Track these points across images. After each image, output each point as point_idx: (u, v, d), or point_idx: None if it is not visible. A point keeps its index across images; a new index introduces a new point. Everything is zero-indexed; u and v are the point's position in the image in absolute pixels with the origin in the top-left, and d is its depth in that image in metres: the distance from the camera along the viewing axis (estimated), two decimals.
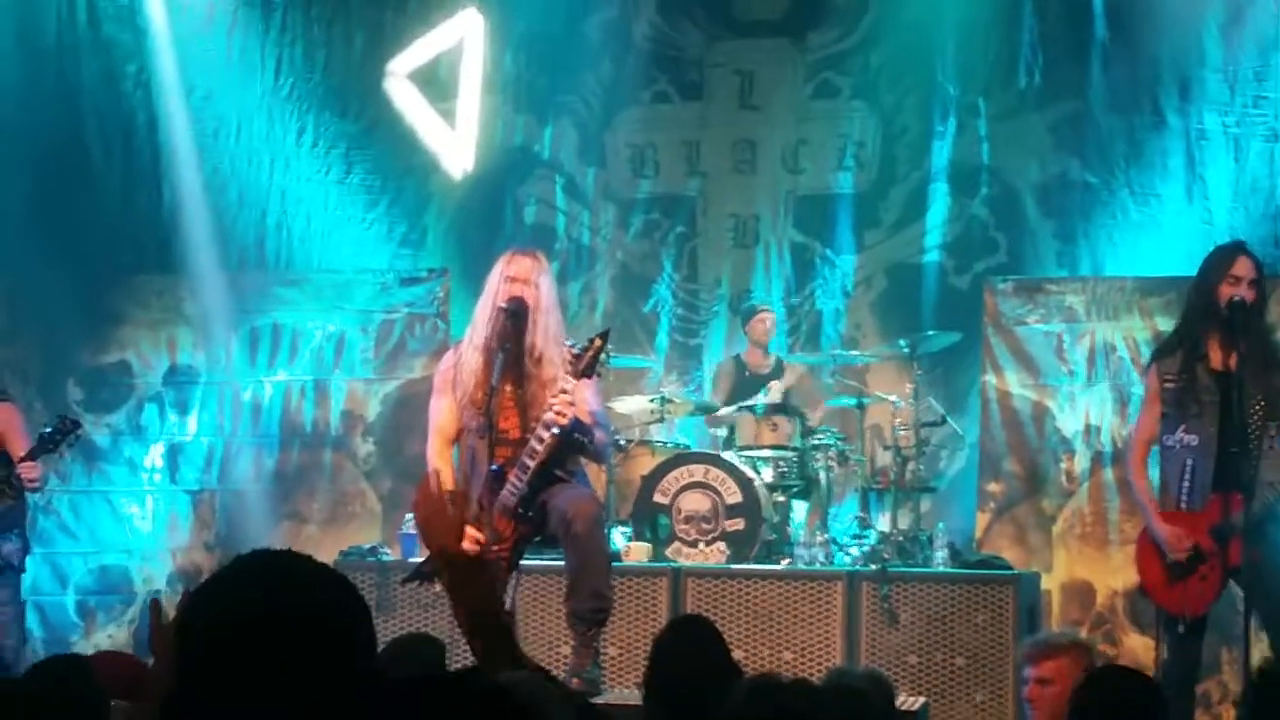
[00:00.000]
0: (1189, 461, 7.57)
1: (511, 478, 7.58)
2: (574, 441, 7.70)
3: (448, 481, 7.75)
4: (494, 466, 7.65)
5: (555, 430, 7.47)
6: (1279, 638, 7.58)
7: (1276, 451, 7.54)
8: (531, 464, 7.54)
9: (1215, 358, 7.61)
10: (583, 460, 8.06)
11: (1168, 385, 7.72)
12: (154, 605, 3.95)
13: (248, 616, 2.27)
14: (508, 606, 7.78)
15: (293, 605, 2.29)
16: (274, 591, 2.30)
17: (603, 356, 7.54)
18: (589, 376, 7.52)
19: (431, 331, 12.25)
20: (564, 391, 7.45)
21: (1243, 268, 7.67)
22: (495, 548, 7.54)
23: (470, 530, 7.29)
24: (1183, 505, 7.59)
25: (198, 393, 12.53)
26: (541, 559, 8.76)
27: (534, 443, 7.51)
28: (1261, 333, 7.84)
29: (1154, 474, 7.90)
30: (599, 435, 7.85)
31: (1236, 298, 7.58)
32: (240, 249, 12.90)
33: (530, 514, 7.65)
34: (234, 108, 12.99)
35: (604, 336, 7.59)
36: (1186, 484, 7.57)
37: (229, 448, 12.45)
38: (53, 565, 12.29)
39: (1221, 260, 7.77)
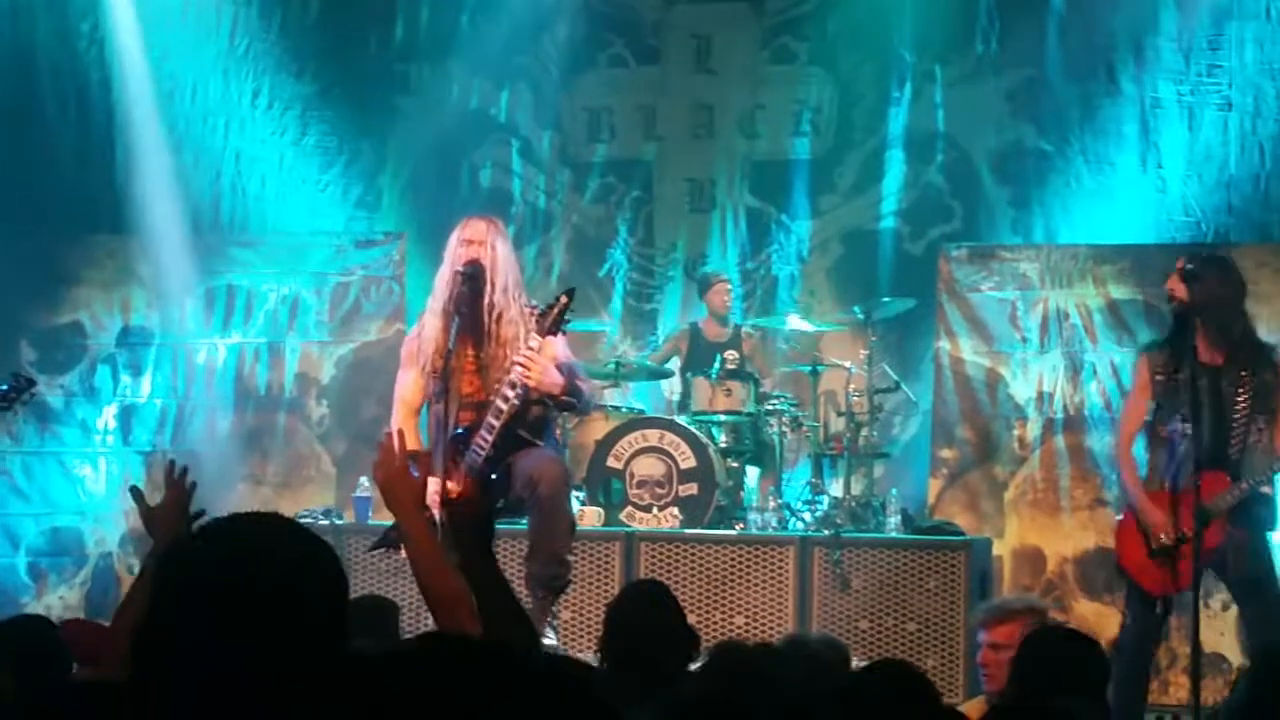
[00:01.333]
0: (1180, 448, 7.67)
1: (477, 439, 7.63)
2: (561, 402, 7.79)
3: (410, 443, 7.79)
4: (459, 429, 7.70)
5: (520, 389, 7.54)
6: (1256, 618, 7.69)
7: (1263, 444, 7.66)
8: (497, 424, 7.60)
9: (1204, 351, 7.69)
10: (553, 422, 8.17)
11: (1158, 378, 7.83)
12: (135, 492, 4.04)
13: (226, 580, 2.26)
14: None
15: (269, 569, 2.29)
16: (248, 555, 2.30)
17: (568, 314, 7.61)
18: (555, 333, 7.59)
19: (387, 295, 12.23)
20: (529, 349, 7.51)
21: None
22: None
23: (446, 484, 7.36)
24: (1166, 486, 7.67)
25: (151, 354, 12.48)
26: (508, 524, 8.78)
27: (499, 402, 7.59)
28: (1248, 326, 7.96)
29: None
30: (584, 386, 7.97)
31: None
32: (195, 210, 12.81)
33: (496, 476, 7.70)
34: (189, 68, 12.90)
35: (569, 294, 7.67)
36: (1175, 467, 7.67)
37: (183, 410, 12.41)
38: (4, 527, 12.25)
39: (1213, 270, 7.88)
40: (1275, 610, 7.75)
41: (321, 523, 10.20)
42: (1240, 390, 7.62)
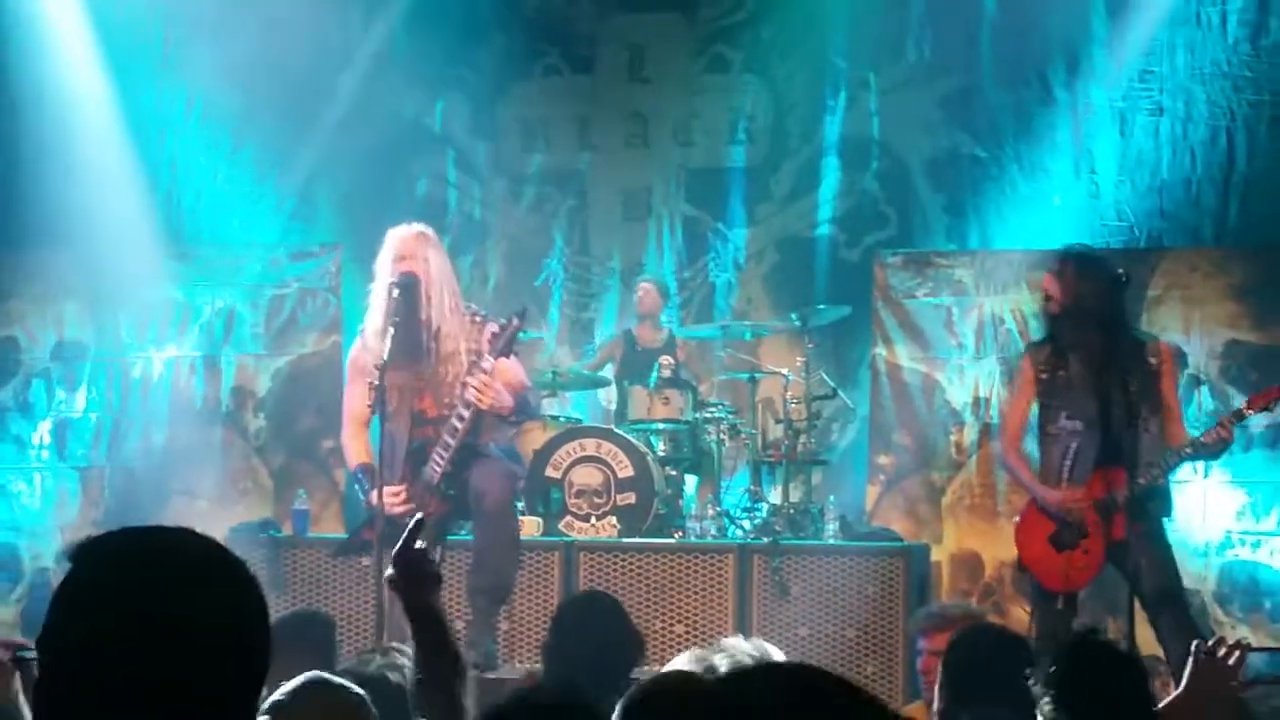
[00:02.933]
0: (1073, 445, 7.79)
1: (434, 456, 7.68)
2: (511, 420, 7.88)
3: (361, 455, 7.86)
4: (415, 442, 7.75)
5: (472, 410, 7.59)
6: (1158, 612, 7.75)
7: (1152, 434, 7.76)
8: (453, 441, 7.65)
9: (1088, 347, 7.77)
10: (506, 432, 8.24)
11: (1042, 376, 7.96)
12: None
13: (126, 590, 2.25)
14: None
15: (165, 572, 2.27)
16: (143, 558, 2.29)
17: (520, 336, 7.67)
18: (507, 355, 7.62)
19: (323, 307, 12.19)
20: (483, 372, 7.53)
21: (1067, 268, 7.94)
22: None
23: (394, 497, 7.41)
24: (1064, 482, 7.79)
25: (86, 368, 12.40)
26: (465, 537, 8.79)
27: (454, 420, 7.64)
28: (1126, 321, 8.14)
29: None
30: (533, 399, 8.06)
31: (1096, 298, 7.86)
32: (129, 223, 12.74)
33: (452, 492, 7.74)
34: (123, 79, 12.81)
35: (521, 315, 7.70)
36: (1069, 464, 7.80)
37: (118, 424, 12.33)
38: None
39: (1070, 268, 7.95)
40: (1188, 618, 7.85)
41: (259, 536, 10.14)
42: (1125, 384, 7.70)
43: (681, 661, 4.32)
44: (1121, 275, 7.87)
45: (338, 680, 3.87)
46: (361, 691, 3.78)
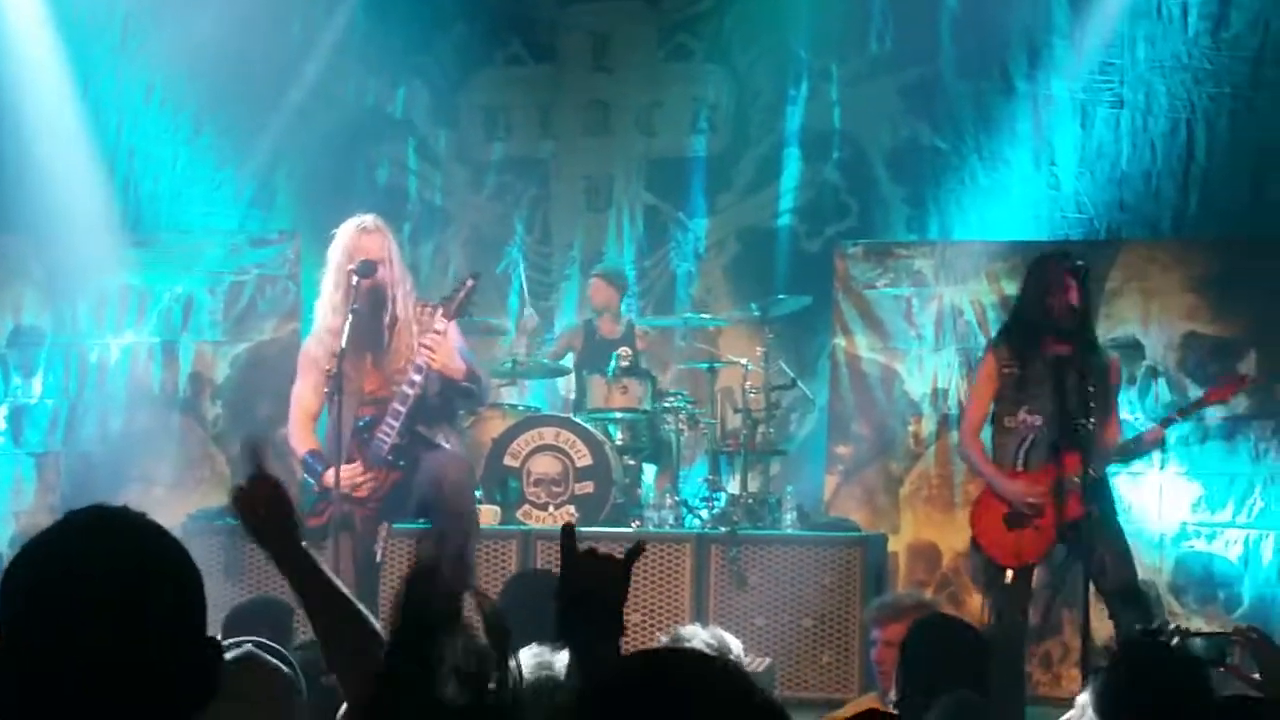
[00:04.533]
0: (1029, 437, 7.92)
1: (380, 429, 7.69)
2: (447, 396, 7.82)
3: (308, 444, 7.86)
4: (359, 421, 7.75)
5: (423, 374, 7.60)
6: (1113, 596, 7.82)
7: (1097, 437, 7.89)
8: (403, 409, 7.66)
9: (1049, 344, 7.88)
10: (455, 416, 8.23)
11: (1005, 371, 8.10)
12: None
13: (73, 571, 2.25)
14: (378, 558, 7.88)
15: (118, 561, 2.27)
16: (97, 547, 2.29)
17: (473, 297, 7.69)
18: (461, 315, 7.67)
19: (282, 294, 12.15)
20: (436, 332, 7.56)
21: (1071, 280, 7.97)
22: (364, 491, 7.69)
23: (351, 473, 7.43)
24: (1019, 469, 7.91)
25: (43, 354, 12.34)
26: (410, 525, 8.77)
27: (405, 386, 7.65)
28: (1088, 318, 8.25)
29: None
30: (482, 375, 8.05)
31: (1069, 305, 7.99)
32: (87, 208, 12.69)
33: (402, 463, 7.74)
34: (81, 65, 12.76)
35: (474, 277, 7.75)
36: (1024, 454, 7.93)
37: (75, 410, 12.28)
38: None
39: (1054, 274, 8.02)
40: (1148, 615, 7.93)
41: (216, 523, 10.11)
42: (1083, 384, 7.80)
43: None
44: (1081, 267, 7.96)
45: (269, 657, 3.87)
46: (288, 671, 3.77)
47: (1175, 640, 4.62)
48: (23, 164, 12.47)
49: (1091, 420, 7.73)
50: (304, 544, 3.47)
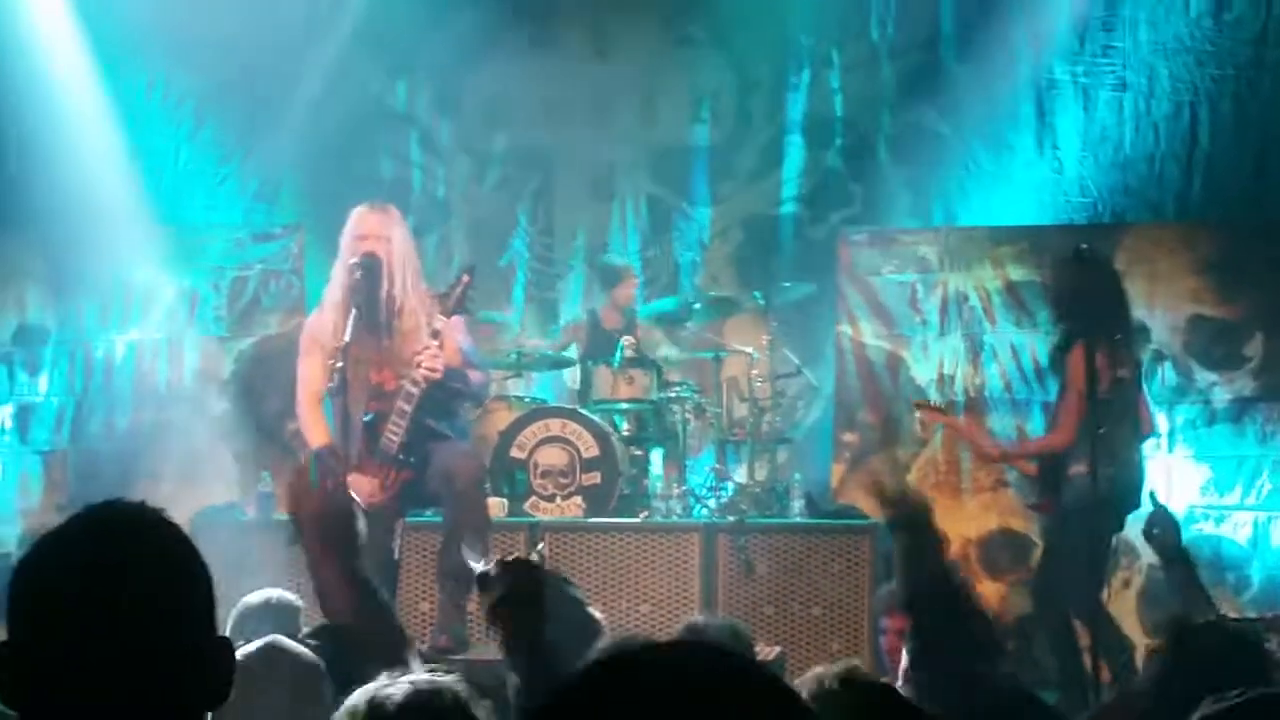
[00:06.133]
0: None
1: (389, 427, 7.66)
2: (451, 389, 7.77)
3: (319, 432, 7.82)
4: (367, 416, 7.71)
5: (426, 381, 7.57)
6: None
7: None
8: (409, 408, 7.62)
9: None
10: (459, 409, 8.18)
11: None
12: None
13: (85, 566, 2.24)
14: (395, 555, 7.86)
15: (130, 555, 2.27)
16: (108, 543, 2.28)
17: (470, 293, 7.64)
18: (458, 313, 7.61)
19: (286, 288, 12.13)
20: (435, 333, 7.52)
21: None
22: (379, 497, 7.64)
23: (358, 482, 7.39)
24: None
25: (48, 352, 12.33)
26: (424, 517, 8.78)
27: (409, 386, 7.60)
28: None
29: None
30: (475, 376, 7.96)
31: None
32: (90, 205, 12.68)
33: (412, 460, 7.72)
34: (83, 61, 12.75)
35: (470, 273, 7.69)
36: None
37: (81, 407, 12.27)
38: None
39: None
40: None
41: (224, 519, 10.12)
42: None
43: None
44: (1084, 250, 7.94)
45: (295, 644, 3.87)
46: (314, 657, 3.78)
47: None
48: (24, 160, 12.47)
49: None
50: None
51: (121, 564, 2.27)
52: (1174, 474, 10.80)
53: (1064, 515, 8.10)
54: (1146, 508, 7.46)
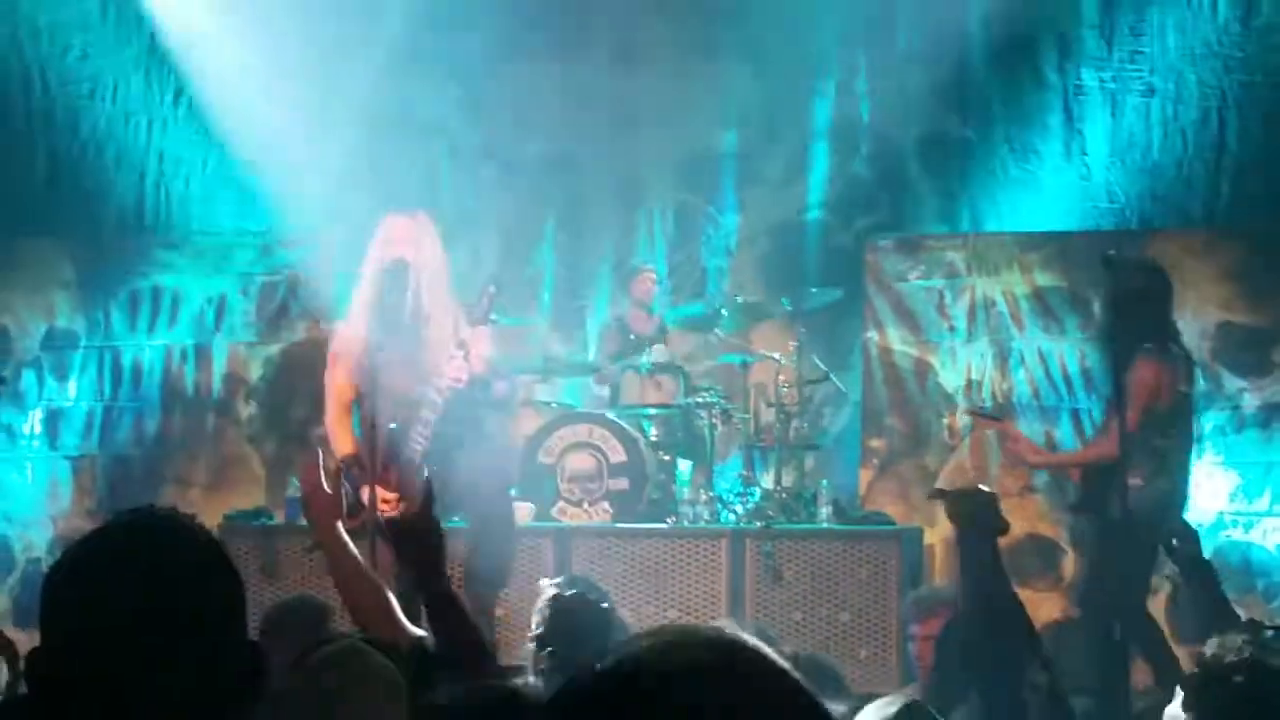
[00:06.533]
0: None
1: (413, 435, 7.63)
2: (475, 399, 7.76)
3: (344, 442, 7.80)
4: (391, 425, 7.70)
5: (451, 391, 7.57)
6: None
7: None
8: (433, 418, 7.59)
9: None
10: (485, 417, 8.16)
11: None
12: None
13: (119, 572, 2.25)
14: None
15: (164, 561, 2.28)
16: (142, 549, 2.29)
17: (495, 304, 7.65)
18: (484, 324, 7.60)
19: (314, 294, 12.15)
20: (461, 344, 7.51)
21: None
22: (404, 505, 7.63)
23: (382, 492, 7.39)
24: None
25: (77, 357, 12.39)
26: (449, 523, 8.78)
27: (434, 395, 7.58)
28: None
29: None
30: (500, 387, 7.93)
31: None
32: (119, 211, 12.75)
33: (435, 469, 7.69)
34: (110, 68, 12.81)
35: (496, 284, 7.70)
36: None
37: (109, 413, 12.32)
38: None
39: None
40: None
41: (252, 524, 10.14)
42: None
43: None
44: (1111, 255, 7.90)
45: (370, 649, 3.88)
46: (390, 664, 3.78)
47: (1248, 636, 4.55)
48: (54, 167, 12.54)
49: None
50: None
51: (155, 570, 2.28)
52: (1202, 480, 10.77)
53: (1113, 524, 8.05)
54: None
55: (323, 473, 4.09)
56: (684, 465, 10.99)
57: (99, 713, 2.22)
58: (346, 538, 4.04)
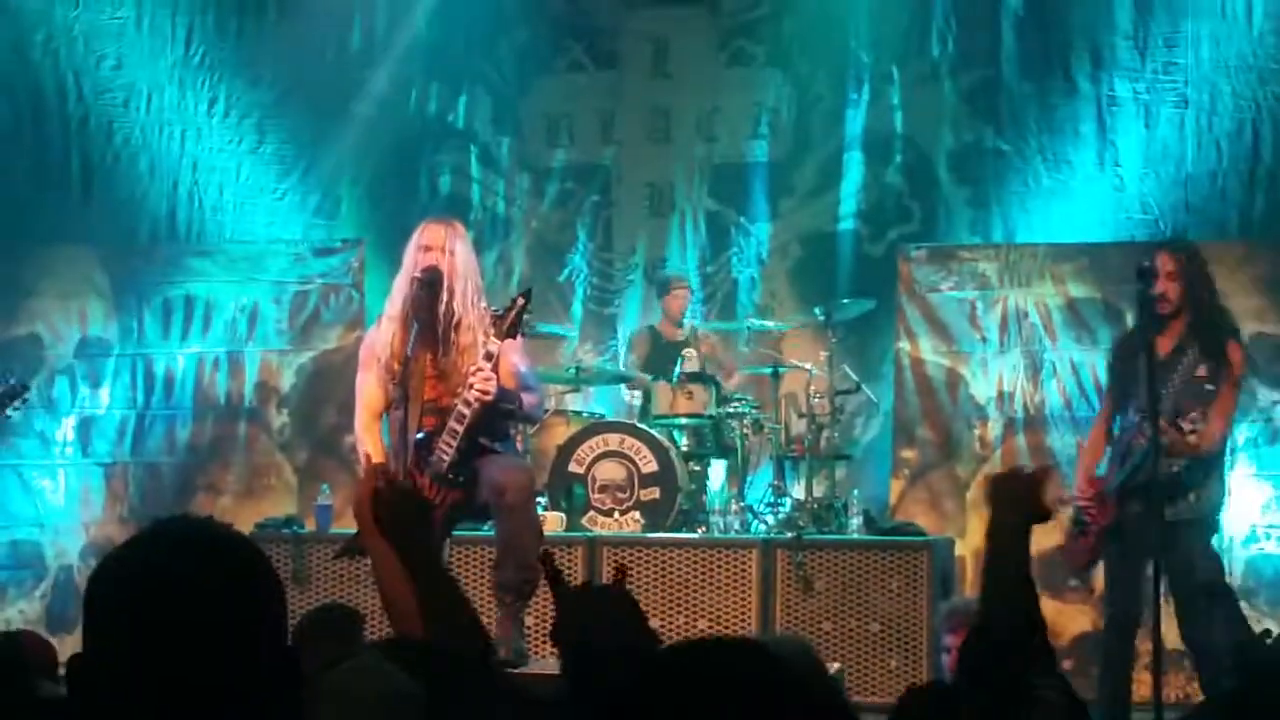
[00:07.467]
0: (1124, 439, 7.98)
1: (440, 444, 7.60)
2: (504, 410, 7.72)
3: (375, 448, 7.79)
4: (420, 434, 7.67)
5: (479, 402, 7.52)
6: (1197, 594, 7.82)
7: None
8: (460, 428, 7.55)
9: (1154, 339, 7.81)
10: (511, 428, 8.13)
11: (1115, 370, 8.29)
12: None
13: (156, 581, 2.25)
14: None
15: (202, 571, 2.28)
16: (184, 557, 2.29)
17: (526, 315, 7.60)
18: (514, 336, 7.55)
19: (346, 303, 12.19)
20: (489, 355, 7.47)
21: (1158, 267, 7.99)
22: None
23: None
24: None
25: (110, 365, 12.42)
26: (472, 531, 8.80)
27: (461, 406, 7.53)
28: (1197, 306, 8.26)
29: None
30: (528, 399, 7.87)
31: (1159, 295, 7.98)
32: (152, 220, 12.80)
33: (461, 479, 7.67)
34: (144, 77, 12.87)
35: (526, 295, 7.64)
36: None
37: (142, 420, 12.35)
38: None
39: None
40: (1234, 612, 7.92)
41: (283, 532, 10.15)
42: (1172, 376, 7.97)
43: None
44: (1146, 266, 7.87)
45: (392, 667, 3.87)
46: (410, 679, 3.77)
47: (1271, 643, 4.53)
48: (88, 176, 12.59)
49: (1176, 418, 7.67)
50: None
51: (194, 578, 2.27)
52: (1235, 492, 10.71)
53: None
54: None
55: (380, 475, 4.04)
56: (715, 475, 10.99)
57: (140, 719, 2.22)
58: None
